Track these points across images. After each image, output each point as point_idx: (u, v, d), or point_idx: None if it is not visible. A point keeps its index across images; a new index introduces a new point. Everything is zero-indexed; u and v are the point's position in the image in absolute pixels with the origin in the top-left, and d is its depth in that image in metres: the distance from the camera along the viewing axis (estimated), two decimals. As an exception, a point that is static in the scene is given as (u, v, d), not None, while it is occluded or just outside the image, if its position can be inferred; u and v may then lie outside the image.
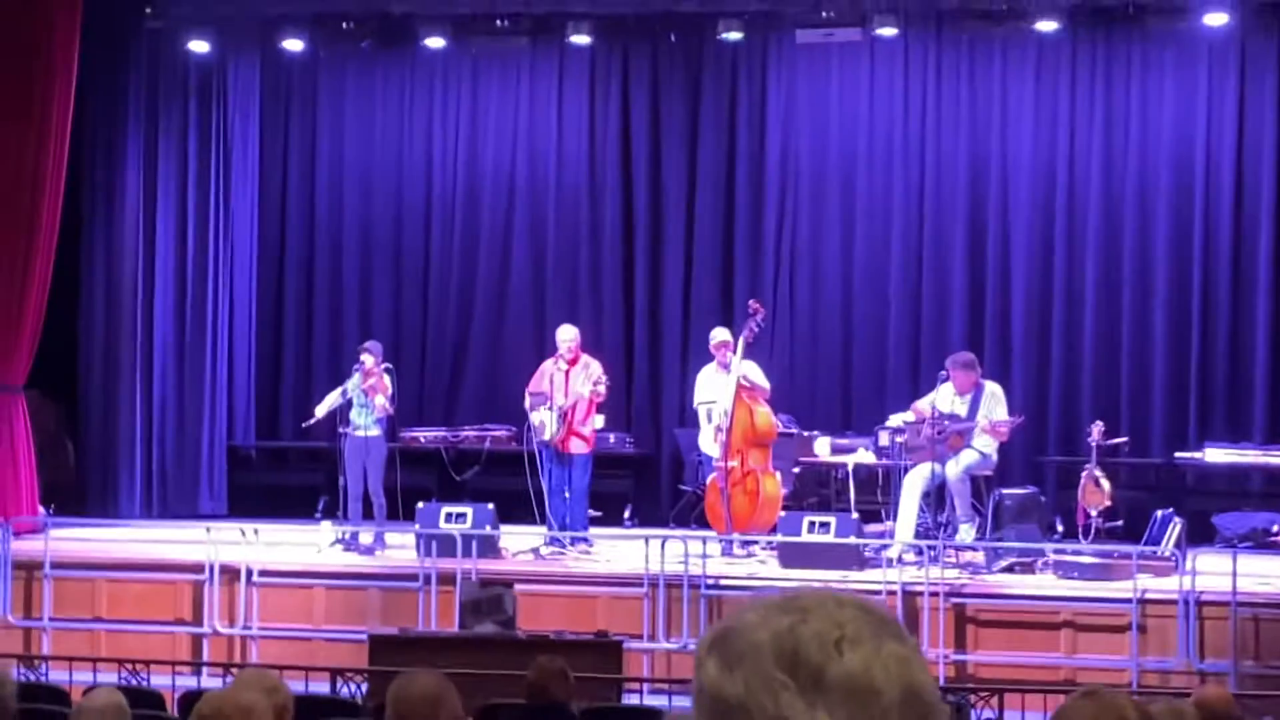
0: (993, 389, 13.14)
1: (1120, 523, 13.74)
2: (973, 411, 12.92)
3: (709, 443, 13.51)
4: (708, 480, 13.58)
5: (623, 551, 13.22)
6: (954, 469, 12.79)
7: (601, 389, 13.30)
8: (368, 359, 13.58)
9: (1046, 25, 15.07)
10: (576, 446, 13.40)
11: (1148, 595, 11.47)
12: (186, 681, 10.48)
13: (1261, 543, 13.79)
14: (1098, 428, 13.52)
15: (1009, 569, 12.37)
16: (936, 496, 12.92)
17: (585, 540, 13.40)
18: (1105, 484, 13.31)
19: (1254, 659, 11.17)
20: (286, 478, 16.75)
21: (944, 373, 13.11)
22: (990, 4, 14.81)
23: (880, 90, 16.25)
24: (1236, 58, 15.42)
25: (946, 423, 12.84)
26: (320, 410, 13.79)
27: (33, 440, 14.42)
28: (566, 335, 13.61)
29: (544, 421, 13.33)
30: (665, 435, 16.20)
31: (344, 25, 16.01)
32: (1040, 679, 10.78)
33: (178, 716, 8.37)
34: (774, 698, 1.33)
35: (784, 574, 12.16)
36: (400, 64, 17.03)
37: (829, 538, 12.47)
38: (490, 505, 13.21)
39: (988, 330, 15.86)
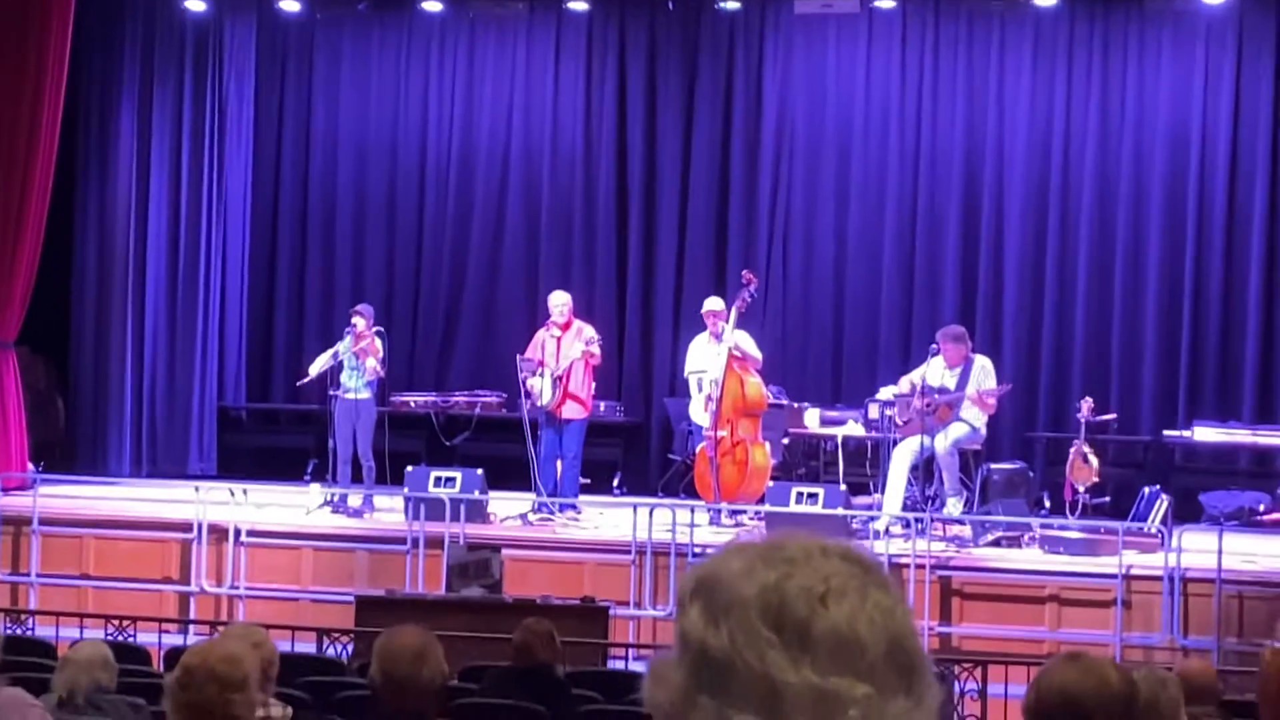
0: (983, 362, 13.17)
1: (1108, 499, 13.78)
2: (962, 384, 12.94)
3: (699, 412, 13.53)
4: (697, 449, 13.60)
5: (611, 519, 13.24)
6: (943, 442, 12.82)
7: (595, 349, 13.31)
8: (359, 322, 13.58)
9: (1045, 1, 15.04)
10: (572, 411, 13.42)
11: (1133, 571, 11.52)
12: (173, 639, 10.51)
13: (1248, 521, 13.82)
14: (1087, 404, 13.54)
15: (995, 543, 12.41)
16: (925, 470, 12.94)
17: (574, 507, 13.43)
18: (1093, 460, 13.34)
19: (1237, 636, 11.22)
20: (276, 439, 16.74)
21: (934, 346, 13.13)
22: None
23: (877, 63, 16.23)
24: (1234, 37, 15.41)
25: (936, 395, 12.87)
26: (313, 369, 13.79)
27: (23, 397, 14.41)
28: (559, 300, 13.62)
29: (539, 387, 13.34)
30: (655, 404, 16.21)
31: (341, -13, 15.98)
32: (1024, 652, 10.81)
33: (164, 673, 8.40)
34: (759, 654, 1.33)
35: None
36: (397, 27, 16.99)
37: (817, 509, 12.50)
38: (479, 470, 13.23)
39: (979, 305, 15.87)
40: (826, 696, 1.33)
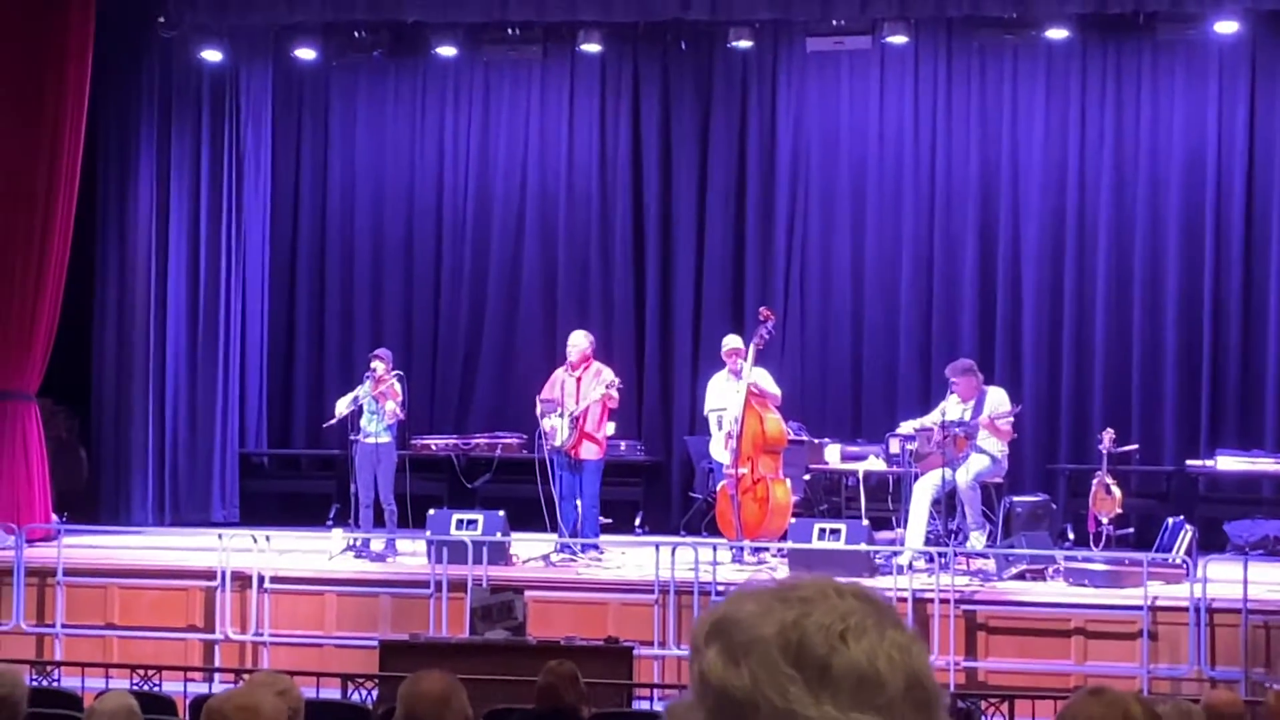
0: (996, 392, 13.16)
1: (1131, 530, 13.75)
2: (976, 414, 12.92)
3: (719, 450, 13.53)
4: (718, 487, 13.59)
5: (633, 558, 13.23)
6: (964, 476, 12.79)
7: (614, 392, 13.32)
8: (379, 366, 13.61)
9: (1057, 33, 15.07)
10: (588, 452, 13.42)
11: (1158, 602, 11.48)
12: (199, 688, 10.50)
13: (1273, 550, 13.78)
14: (1109, 435, 13.51)
15: (1020, 576, 12.37)
16: (947, 503, 12.91)
17: (595, 547, 13.42)
18: (1116, 491, 13.31)
19: (1265, 667, 11.16)
20: (298, 485, 16.79)
21: (952, 381, 13.12)
22: (1001, 11, 14.81)
23: (890, 98, 16.27)
24: (1247, 65, 15.42)
25: (955, 428, 12.85)
26: (340, 408, 13.76)
27: (45, 448, 14.46)
28: (577, 341, 13.64)
29: (555, 427, 13.35)
30: (676, 442, 16.21)
31: (356, 34, 16.07)
32: (1051, 686, 10.77)
33: (189, 721, 8.40)
34: (782, 692, 1.34)
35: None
36: (412, 73, 17.08)
37: (840, 544, 12.48)
38: (501, 512, 13.24)
39: (998, 337, 15.86)
40: None
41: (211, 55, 15.91)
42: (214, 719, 4.21)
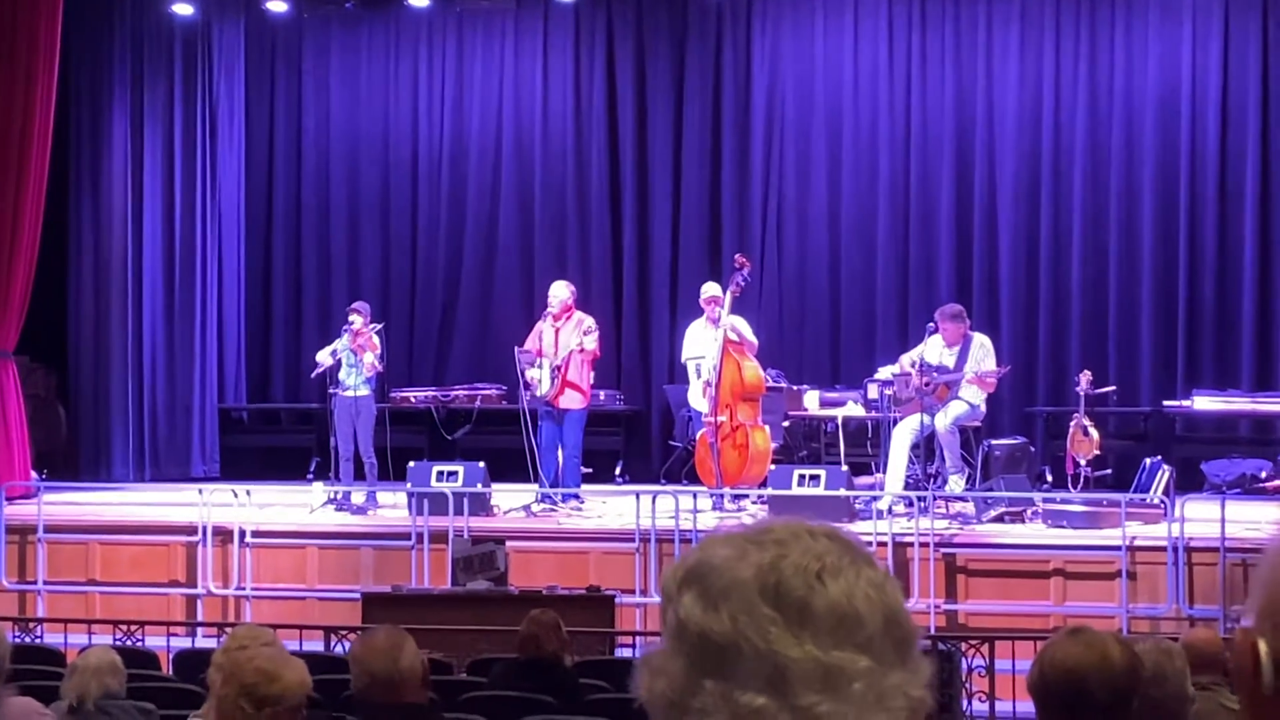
0: (981, 340, 13.18)
1: (1109, 471, 13.80)
2: (961, 363, 12.96)
3: (698, 398, 13.54)
4: (697, 435, 13.61)
5: (614, 507, 13.26)
6: (943, 420, 12.83)
7: (591, 341, 13.30)
8: (356, 319, 13.59)
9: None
10: (571, 401, 13.42)
11: (1137, 542, 11.54)
12: (181, 642, 10.54)
13: (1249, 489, 13.85)
14: (1086, 377, 13.54)
15: (999, 519, 12.42)
16: (926, 448, 12.96)
17: (576, 497, 13.45)
18: (1094, 433, 13.35)
19: (1243, 604, 11.21)
20: (278, 439, 16.77)
21: (932, 325, 13.15)
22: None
23: (865, 43, 16.23)
24: (1220, 5, 15.41)
25: (934, 374, 12.88)
26: (322, 358, 13.69)
27: (24, 406, 14.43)
28: (558, 292, 13.63)
29: (537, 378, 13.36)
30: (655, 391, 16.23)
31: (328, -14, 15.99)
32: (1031, 627, 10.82)
33: (172, 676, 8.42)
34: (763, 633, 1.35)
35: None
36: (385, 24, 17.00)
37: (819, 490, 12.51)
38: (481, 464, 13.26)
39: (975, 281, 15.88)
40: (831, 670, 1.35)
41: (183, 9, 15.83)
42: (230, 680, 4.23)
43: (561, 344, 13.37)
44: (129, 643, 10.00)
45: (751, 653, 1.35)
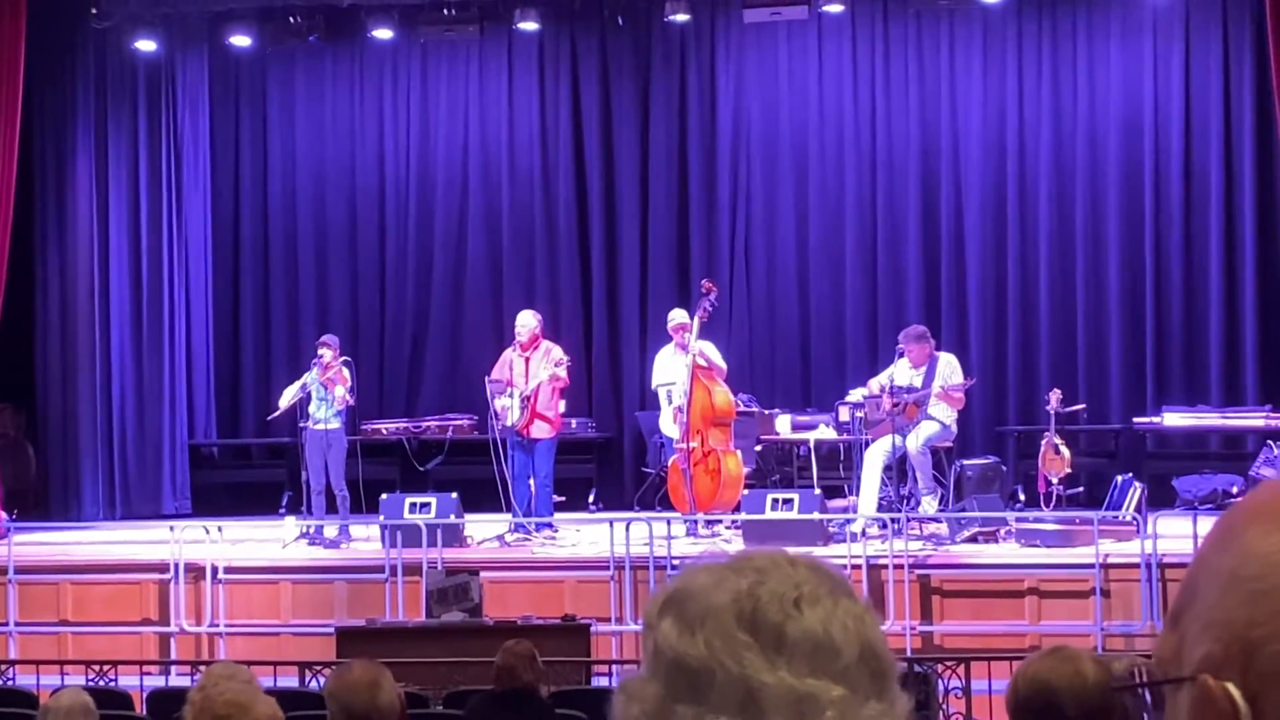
0: (947, 359, 13.22)
1: (1081, 489, 13.83)
2: (928, 382, 12.98)
3: (669, 424, 13.54)
4: (669, 462, 13.60)
5: (588, 535, 13.25)
6: (914, 441, 12.85)
7: (562, 371, 13.31)
8: (326, 352, 13.57)
9: (992, -2, 15.13)
10: (540, 431, 13.40)
11: (1110, 560, 11.56)
12: (155, 681, 10.47)
13: (1221, 504, 13.87)
14: (1055, 395, 13.58)
15: (972, 539, 12.44)
16: (898, 469, 12.97)
17: (550, 526, 13.43)
18: (1065, 451, 13.38)
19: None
20: (249, 474, 16.71)
21: (900, 347, 13.17)
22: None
23: (829, 68, 16.29)
24: (1181, 25, 15.50)
25: (904, 395, 12.90)
26: (283, 402, 13.76)
27: (-8, 446, 14.36)
28: (526, 321, 13.63)
29: (506, 407, 13.34)
30: (627, 418, 16.22)
31: (290, 19, 15.97)
32: (1006, 647, 10.83)
33: (146, 715, 8.37)
34: (737, 659, 1.35)
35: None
36: (349, 56, 17.00)
37: (793, 514, 12.52)
38: (454, 494, 13.24)
39: (943, 302, 15.92)
40: (804, 698, 1.34)
41: (146, 45, 15.80)
42: (203, 714, 4.21)
43: (531, 373, 13.36)
44: (102, 683, 9.94)
45: (725, 678, 1.34)
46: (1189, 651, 1.10)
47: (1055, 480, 13.31)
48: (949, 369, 13.09)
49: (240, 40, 16.11)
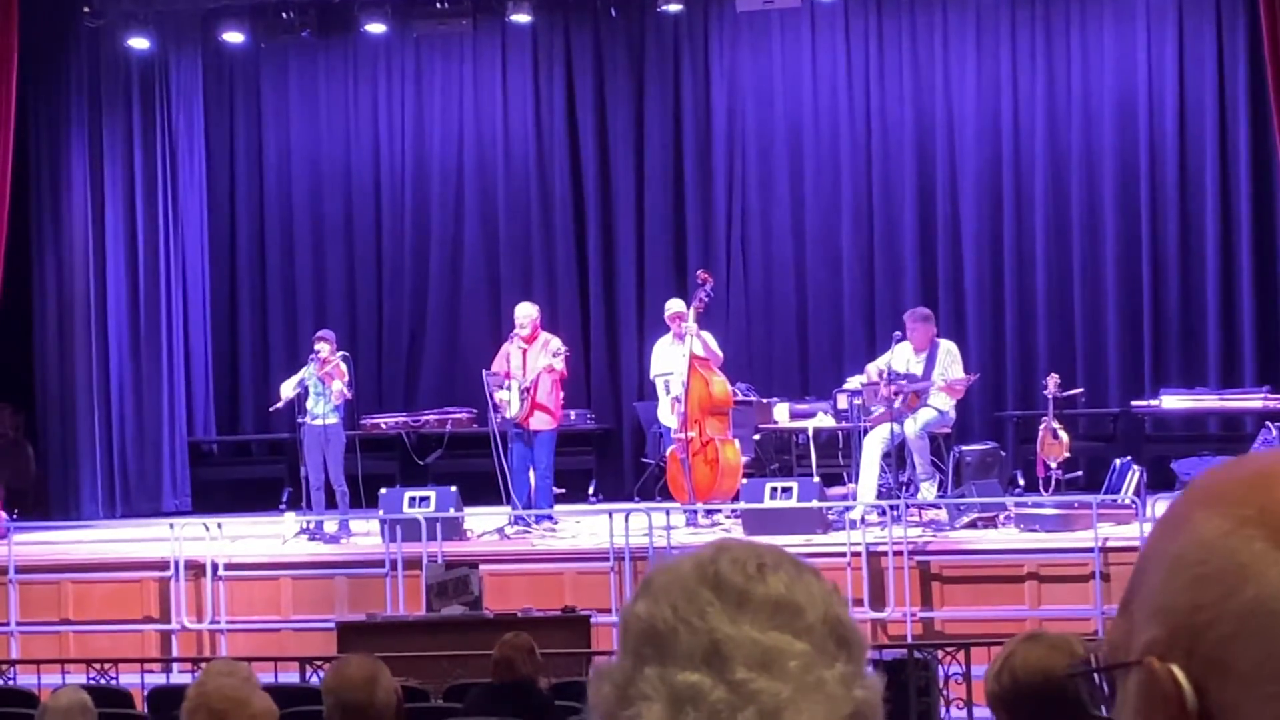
0: (948, 347, 13.20)
1: (1080, 473, 13.83)
2: (928, 370, 12.97)
3: (667, 414, 13.54)
4: (668, 452, 13.60)
5: (587, 527, 13.26)
6: (913, 428, 12.85)
7: (559, 362, 13.29)
8: (323, 347, 13.57)
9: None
10: (540, 422, 13.40)
11: (1110, 544, 11.55)
12: (156, 679, 10.48)
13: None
14: (1053, 380, 13.57)
15: (971, 524, 12.44)
16: (897, 456, 12.97)
17: (549, 518, 13.43)
18: (1063, 435, 13.37)
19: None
20: (249, 471, 16.72)
21: (898, 333, 13.15)
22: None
23: (823, 57, 16.28)
24: (1174, 8, 15.50)
25: (903, 382, 12.90)
26: (285, 391, 13.73)
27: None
28: (524, 313, 13.62)
29: (506, 400, 13.34)
30: (625, 409, 16.23)
31: (283, 15, 15.96)
32: (1007, 632, 10.79)
33: (147, 714, 8.38)
34: (700, 614, 1.36)
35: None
36: (342, 51, 16.99)
37: (792, 503, 12.52)
38: (453, 488, 13.23)
39: (940, 288, 15.92)
40: (769, 650, 1.36)
41: (139, 43, 15.79)
42: (199, 709, 4.21)
43: (530, 365, 13.36)
44: (103, 681, 9.95)
45: (688, 634, 1.36)
46: (1137, 637, 1.11)
47: (1054, 465, 13.31)
48: (949, 359, 13.07)
49: (233, 37, 16.10)
